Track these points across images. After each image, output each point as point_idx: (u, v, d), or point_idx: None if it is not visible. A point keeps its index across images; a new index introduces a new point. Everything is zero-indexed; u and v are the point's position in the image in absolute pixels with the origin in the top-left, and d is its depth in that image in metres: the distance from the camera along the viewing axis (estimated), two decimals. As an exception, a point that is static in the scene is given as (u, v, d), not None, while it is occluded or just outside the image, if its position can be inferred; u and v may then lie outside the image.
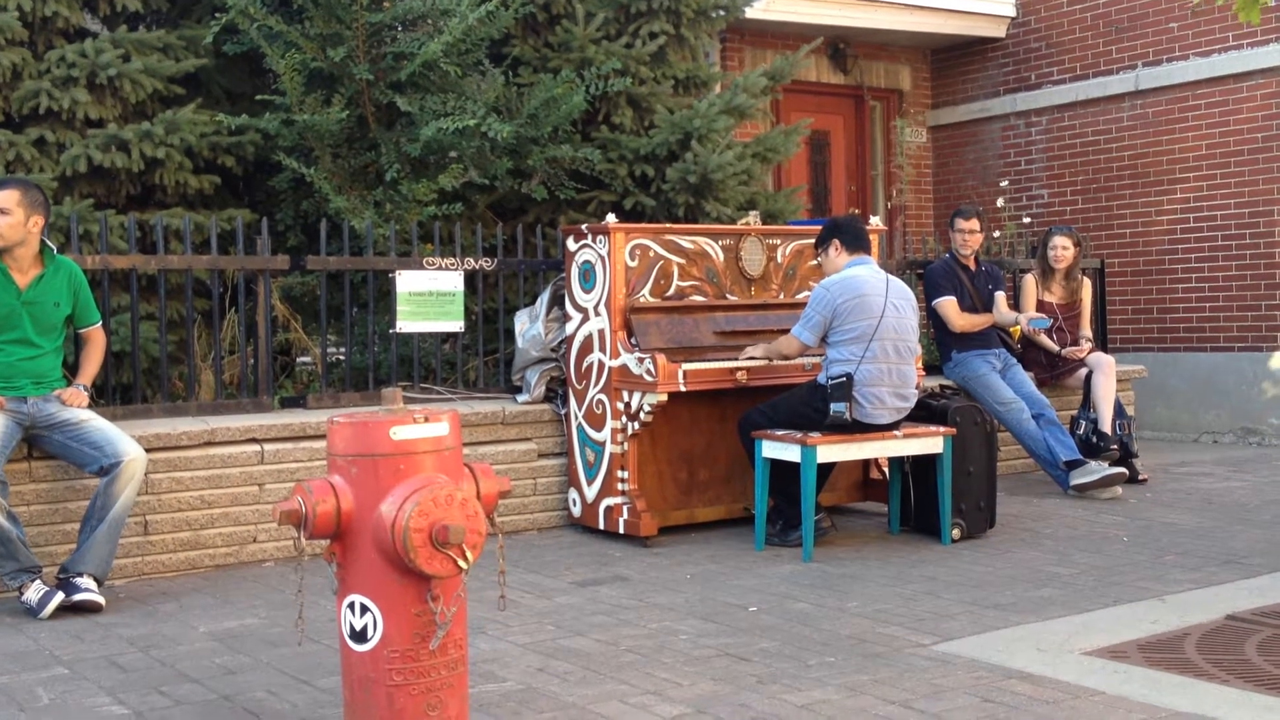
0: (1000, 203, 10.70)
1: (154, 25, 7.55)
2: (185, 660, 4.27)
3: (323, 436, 5.86)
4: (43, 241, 5.25)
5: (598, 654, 4.25)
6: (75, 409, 5.20)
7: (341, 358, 7.08)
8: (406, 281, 6.62)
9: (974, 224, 7.78)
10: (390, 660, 3.23)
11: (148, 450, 5.34)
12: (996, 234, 9.60)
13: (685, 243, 6.39)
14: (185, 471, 5.71)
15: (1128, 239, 10.64)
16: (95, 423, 5.18)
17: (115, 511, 5.05)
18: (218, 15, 7.08)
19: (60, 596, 4.89)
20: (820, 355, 6.06)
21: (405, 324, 6.64)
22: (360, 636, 3.26)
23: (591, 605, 4.95)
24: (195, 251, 6.51)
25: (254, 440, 5.92)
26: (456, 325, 6.81)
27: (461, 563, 3.20)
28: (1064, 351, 8.13)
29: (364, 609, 3.24)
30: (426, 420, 3.28)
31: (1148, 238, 10.51)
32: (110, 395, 6.19)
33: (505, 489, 3.52)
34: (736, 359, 6.17)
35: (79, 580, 4.96)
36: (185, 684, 4.00)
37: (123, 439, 5.14)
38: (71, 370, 5.54)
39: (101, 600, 4.96)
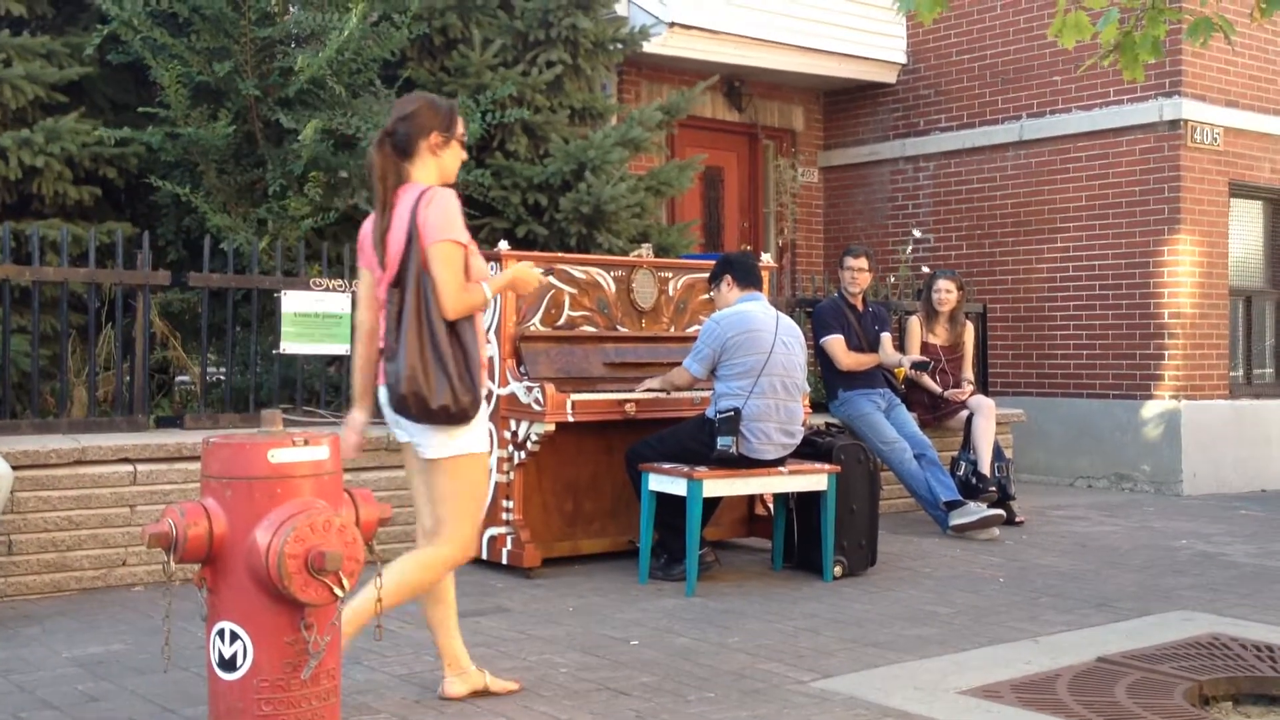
0: (908, 250, 10.84)
1: (38, 31, 7.35)
2: (46, 686, 4.12)
3: (199, 458, 5.71)
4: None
5: (475, 686, 4.18)
6: (-63, 423, 5.02)
7: (222, 378, 6.93)
8: (292, 302, 6.51)
9: (863, 262, 7.87)
10: (259, 689, 3.14)
11: (14, 467, 5.17)
12: (892, 280, 9.75)
13: (577, 273, 6.38)
14: (53, 490, 5.53)
15: (1009, 285, 10.88)
16: (-42, 437, 5.00)
17: (-24, 530, 4.87)
18: (102, 25, 6.92)
19: (-87, 618, 4.70)
20: (710, 389, 6.08)
21: (289, 345, 6.52)
22: (229, 665, 3.17)
23: (472, 637, 4.87)
24: (72, 264, 6.33)
25: (126, 460, 5.75)
26: (343, 348, 6.70)
27: (337, 590, 3.14)
28: (946, 393, 8.27)
29: (234, 636, 3.16)
30: (306, 444, 3.22)
31: (1028, 284, 10.76)
32: (-24, 409, 5.98)
33: (386, 516, 3.47)
34: (628, 390, 6.15)
35: (-66, 601, 4.76)
36: (45, 711, 3.86)
37: (-13, 455, 4.96)
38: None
39: (-42, 623, 4.77)
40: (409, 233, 3.77)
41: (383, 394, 3.86)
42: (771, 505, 6.58)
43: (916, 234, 10.47)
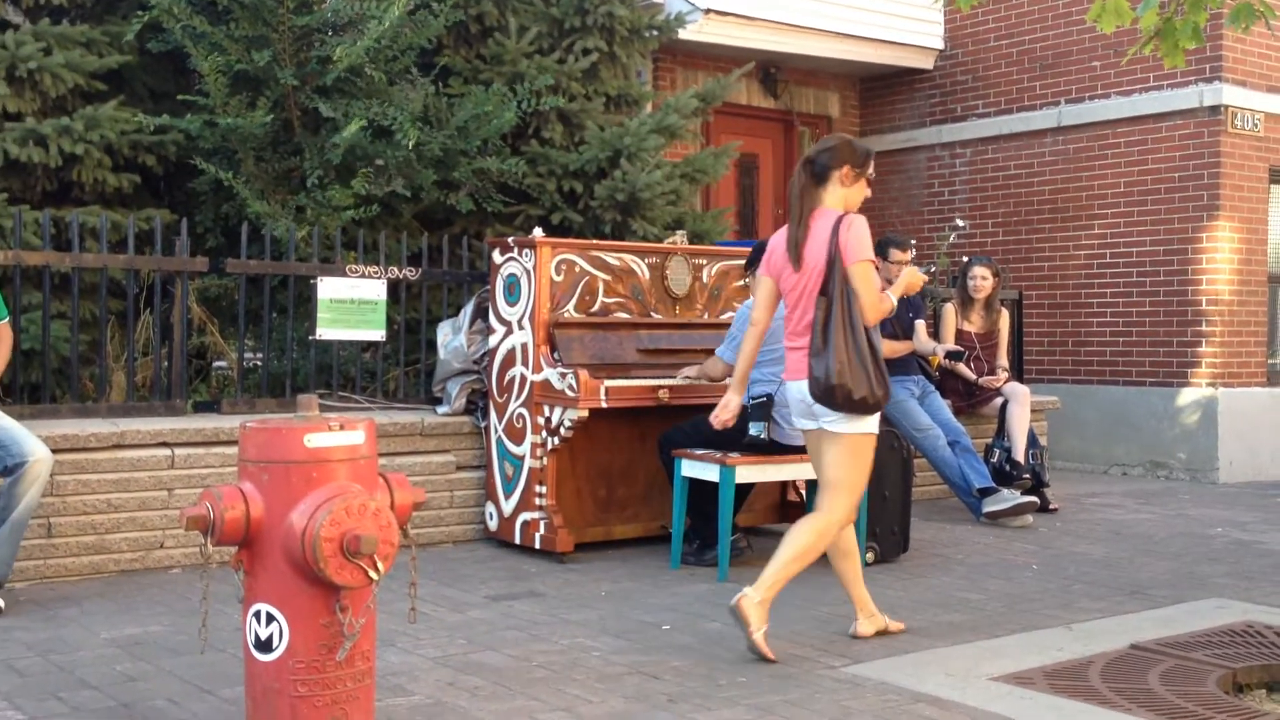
0: (950, 239, 10.75)
1: (77, 20, 7.41)
2: (85, 666, 4.18)
3: (236, 442, 5.76)
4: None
5: (509, 669, 4.22)
6: (-20, 407, 5.08)
7: (259, 363, 6.99)
8: (328, 288, 6.56)
9: (909, 255, 7.85)
10: (295, 671, 3.18)
11: (54, 451, 5.22)
12: (931, 267, 9.70)
13: (611, 259, 6.39)
14: (92, 474, 5.60)
15: (1045, 272, 10.81)
16: (1, 421, 5.06)
17: (18, 513, 4.93)
18: (141, 12, 6.97)
19: (-43, 598, 4.77)
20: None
21: (325, 331, 6.57)
22: (265, 646, 3.20)
23: (504, 620, 4.92)
24: (111, 250, 6.40)
25: (164, 444, 5.81)
26: (378, 334, 6.75)
27: (372, 574, 3.16)
28: (981, 380, 8.23)
29: (270, 618, 3.19)
30: (342, 428, 3.24)
31: (1065, 271, 10.69)
32: (18, 394, 6.05)
33: (420, 500, 3.49)
34: (661, 377, 6.17)
35: (-23, 582, 4.83)
36: (84, 691, 3.91)
37: (29, 439, 5.01)
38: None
39: (0, 603, 4.83)
40: (830, 251, 4.43)
41: (799, 388, 4.53)
42: (804, 491, 6.57)
43: (960, 224, 10.39)
